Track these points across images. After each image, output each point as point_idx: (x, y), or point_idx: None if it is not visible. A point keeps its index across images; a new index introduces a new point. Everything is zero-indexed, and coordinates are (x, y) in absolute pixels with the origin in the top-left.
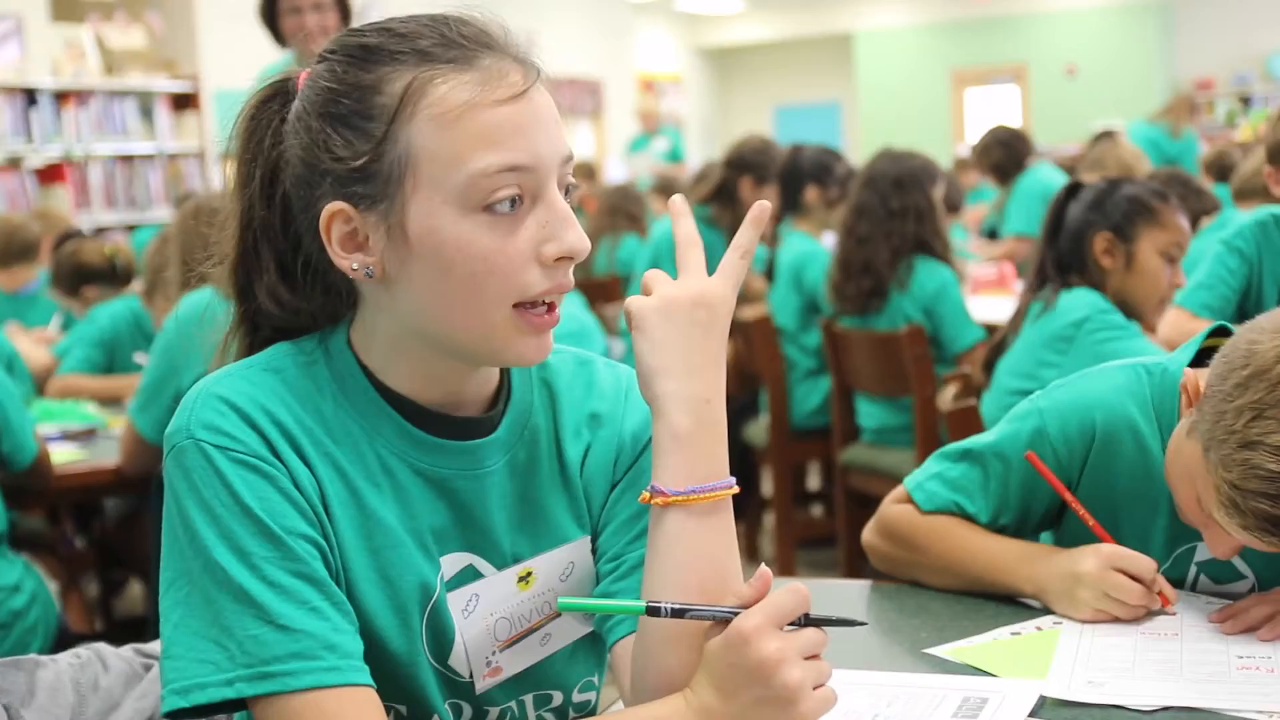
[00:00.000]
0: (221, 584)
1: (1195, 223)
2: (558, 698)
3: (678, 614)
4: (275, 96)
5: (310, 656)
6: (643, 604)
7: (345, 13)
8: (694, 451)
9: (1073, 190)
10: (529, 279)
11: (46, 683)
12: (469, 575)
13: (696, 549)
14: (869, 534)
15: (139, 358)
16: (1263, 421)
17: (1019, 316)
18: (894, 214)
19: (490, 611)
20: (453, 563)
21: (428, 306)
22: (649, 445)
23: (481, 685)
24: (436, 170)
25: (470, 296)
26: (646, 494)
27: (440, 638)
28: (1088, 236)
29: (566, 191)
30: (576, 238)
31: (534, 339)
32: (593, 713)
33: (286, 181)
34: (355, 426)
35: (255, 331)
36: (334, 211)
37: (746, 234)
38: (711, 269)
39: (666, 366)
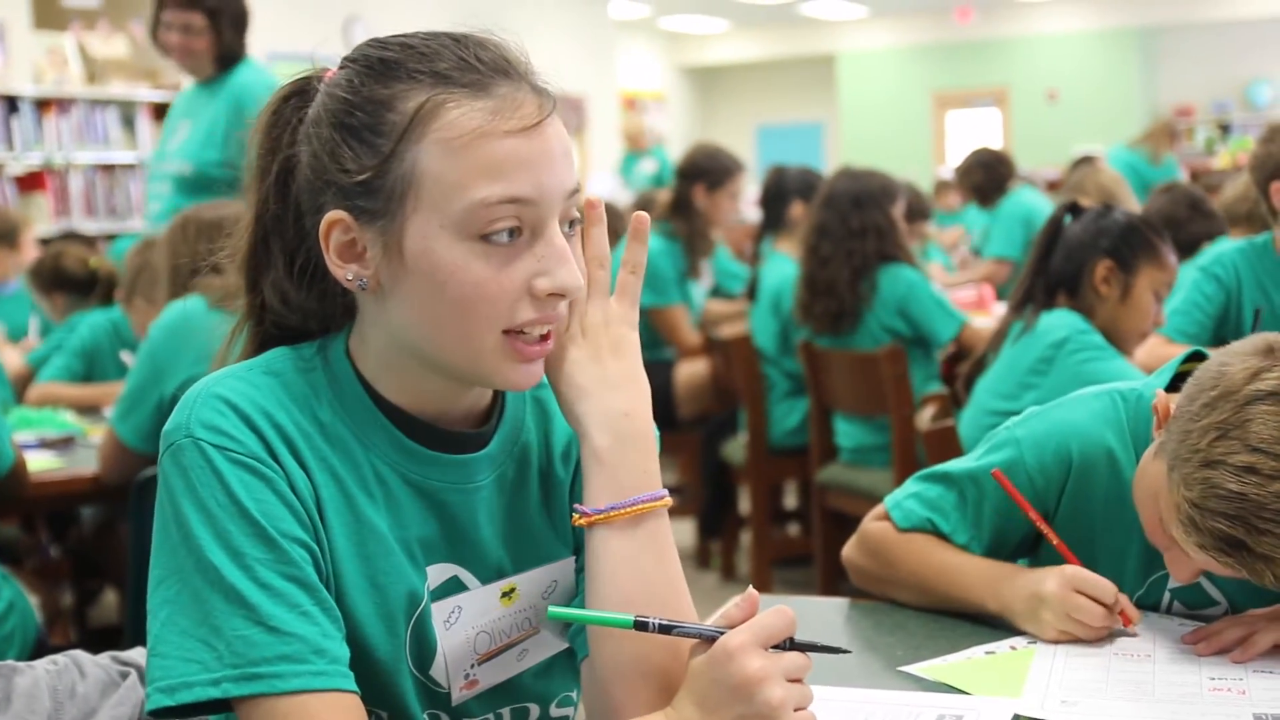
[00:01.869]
0: (213, 583)
1: (1197, 245)
2: (534, 711)
3: (664, 630)
4: (297, 94)
5: (298, 660)
6: (630, 618)
7: (220, 37)
8: (615, 468)
9: (1072, 211)
10: (518, 309)
11: (23, 689)
12: (453, 587)
13: (622, 565)
14: (849, 550)
15: (126, 356)
16: (1226, 441)
17: (1000, 336)
18: (854, 233)
19: (472, 624)
20: (438, 573)
21: (418, 325)
22: None
23: (458, 697)
24: (438, 194)
25: (459, 320)
26: (575, 515)
27: (423, 647)
28: (1089, 261)
29: (571, 224)
30: (569, 275)
31: (523, 366)
32: None
33: (298, 182)
34: (350, 434)
35: (260, 326)
36: (334, 220)
37: (633, 250)
38: (681, 279)
39: (582, 388)
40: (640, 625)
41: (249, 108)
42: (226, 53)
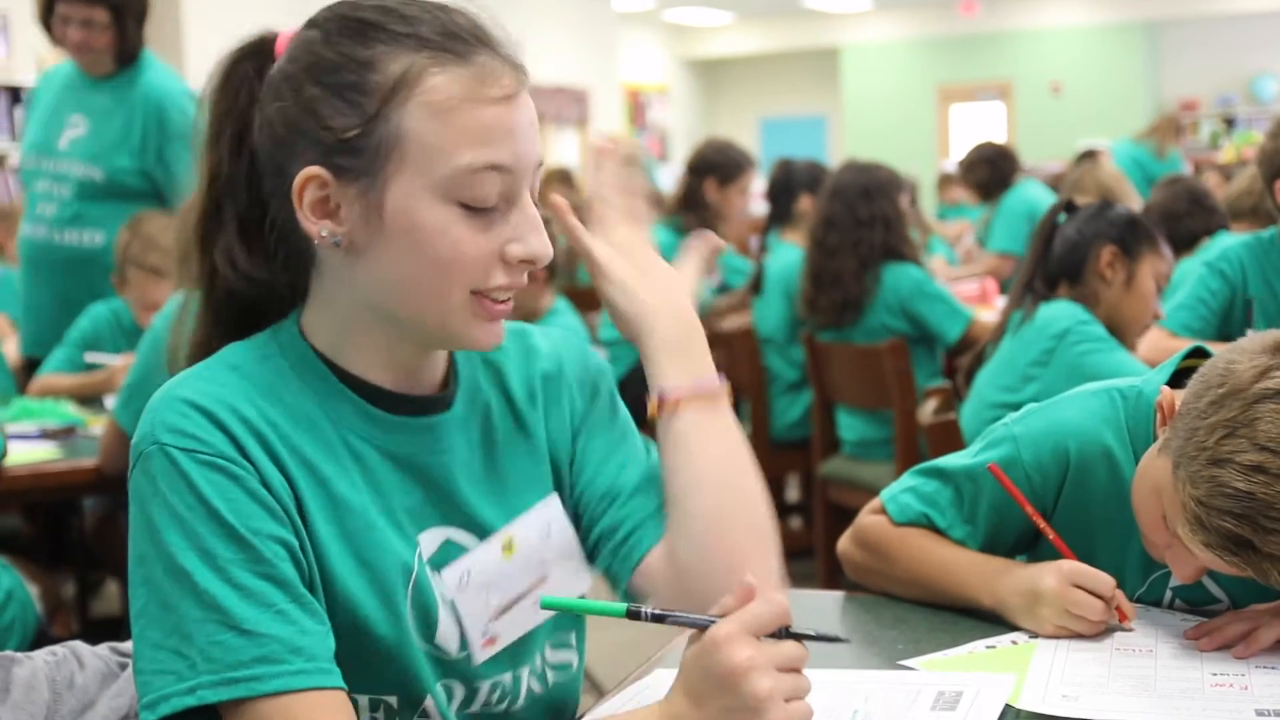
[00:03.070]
0: (184, 589)
1: (1196, 241)
2: (538, 661)
3: (658, 619)
4: (252, 55)
5: (276, 660)
6: (622, 607)
7: (123, 33)
8: (689, 354)
9: (1068, 208)
10: (491, 273)
11: (21, 680)
12: (452, 550)
13: (717, 439)
14: (844, 543)
15: (91, 356)
16: (1234, 440)
17: (1000, 328)
18: (862, 223)
19: (482, 583)
20: (432, 539)
21: (390, 283)
22: (598, 388)
23: (480, 655)
24: (423, 157)
25: (433, 279)
26: (654, 404)
27: (426, 616)
28: (1093, 247)
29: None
30: (541, 243)
31: (488, 325)
32: (572, 673)
33: (257, 141)
34: (318, 413)
35: (211, 294)
36: (310, 176)
37: (628, 174)
38: None
39: (638, 288)
40: (633, 615)
41: (172, 118)
42: (129, 49)
